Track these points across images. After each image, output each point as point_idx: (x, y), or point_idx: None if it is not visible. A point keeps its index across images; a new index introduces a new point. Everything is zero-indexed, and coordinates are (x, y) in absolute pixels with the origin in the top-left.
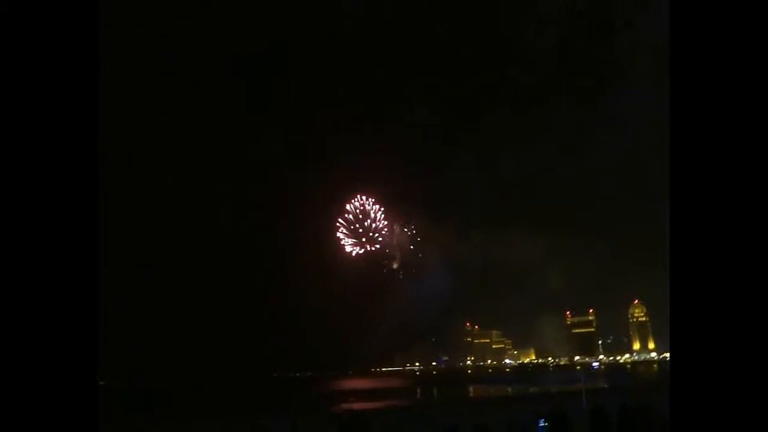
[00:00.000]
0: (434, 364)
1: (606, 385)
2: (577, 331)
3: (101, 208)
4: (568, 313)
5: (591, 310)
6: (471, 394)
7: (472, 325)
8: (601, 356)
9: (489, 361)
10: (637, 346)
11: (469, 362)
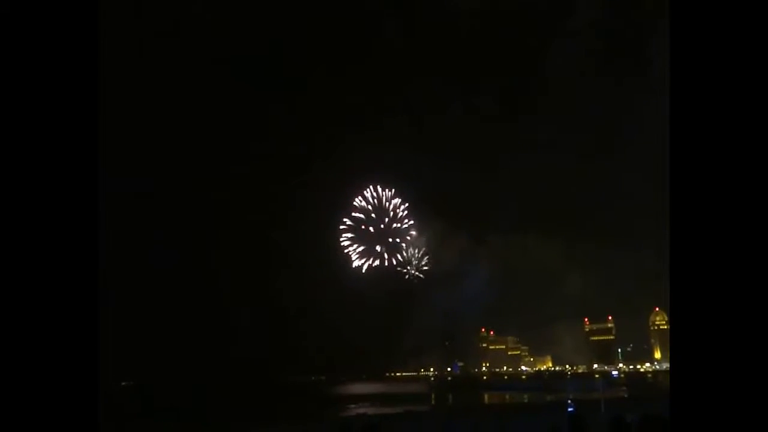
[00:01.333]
0: (449, 369)
1: (626, 395)
2: (595, 338)
3: (102, 209)
4: (586, 320)
5: (610, 317)
6: (486, 401)
7: (488, 331)
8: (621, 365)
9: (505, 368)
10: (658, 354)
11: (484, 368)
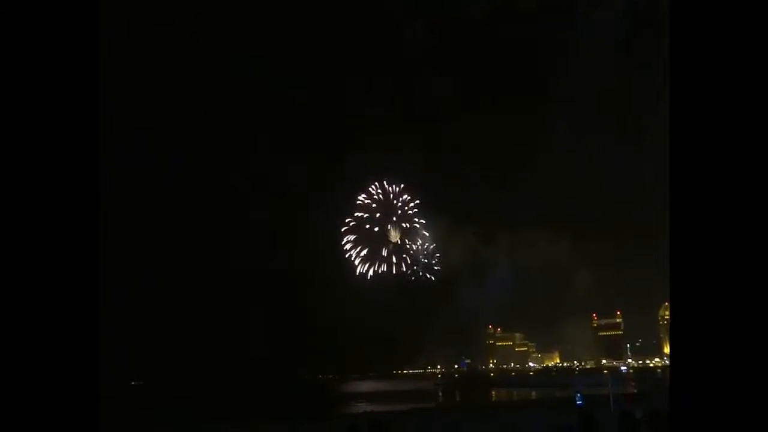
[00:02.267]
0: (456, 366)
1: (635, 390)
2: (603, 333)
3: (104, 209)
4: (594, 315)
5: (618, 312)
6: (494, 398)
7: (495, 328)
8: (630, 360)
9: (512, 364)
10: (667, 349)
11: (491, 365)
